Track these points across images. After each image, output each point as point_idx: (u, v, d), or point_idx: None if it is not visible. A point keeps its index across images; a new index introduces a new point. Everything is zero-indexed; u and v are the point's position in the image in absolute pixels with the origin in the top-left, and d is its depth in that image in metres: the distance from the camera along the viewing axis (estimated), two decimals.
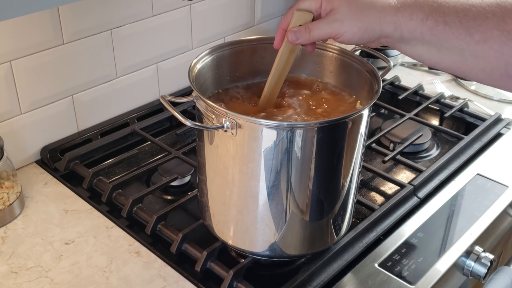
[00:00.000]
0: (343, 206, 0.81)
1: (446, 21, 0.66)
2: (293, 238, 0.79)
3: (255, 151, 0.72)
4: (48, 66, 1.04)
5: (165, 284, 0.83)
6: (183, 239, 0.87)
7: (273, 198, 0.75)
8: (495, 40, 0.64)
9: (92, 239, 0.90)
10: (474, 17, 0.65)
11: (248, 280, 0.81)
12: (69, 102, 1.10)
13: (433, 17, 0.66)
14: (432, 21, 0.66)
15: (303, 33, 0.74)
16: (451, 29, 0.66)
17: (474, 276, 0.92)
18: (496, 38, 0.63)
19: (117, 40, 1.13)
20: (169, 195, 1.02)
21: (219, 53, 0.85)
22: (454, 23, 0.66)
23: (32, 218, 0.94)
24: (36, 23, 0.99)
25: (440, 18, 0.66)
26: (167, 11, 1.20)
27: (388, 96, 1.34)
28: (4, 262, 0.86)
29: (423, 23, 0.67)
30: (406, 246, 0.90)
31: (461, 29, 0.65)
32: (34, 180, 1.03)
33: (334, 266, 0.85)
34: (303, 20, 0.74)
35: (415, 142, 1.15)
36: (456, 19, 0.66)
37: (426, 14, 0.67)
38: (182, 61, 1.28)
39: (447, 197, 1.02)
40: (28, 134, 1.06)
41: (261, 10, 1.42)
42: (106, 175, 1.05)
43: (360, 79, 0.83)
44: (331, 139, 0.73)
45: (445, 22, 0.66)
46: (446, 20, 0.66)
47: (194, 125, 0.73)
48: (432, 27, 0.67)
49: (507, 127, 1.22)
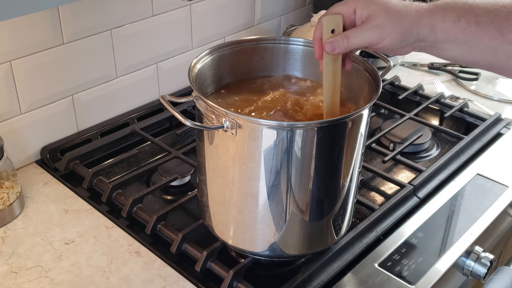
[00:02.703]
0: (343, 206, 0.81)
1: (478, 21, 0.66)
2: (293, 238, 0.79)
3: (255, 151, 0.72)
4: (48, 66, 1.04)
5: (165, 284, 0.83)
6: (183, 239, 0.87)
7: (273, 198, 0.75)
8: None
9: (92, 239, 0.90)
10: (506, 17, 0.65)
11: (248, 280, 0.81)
12: (69, 102, 1.10)
13: (465, 18, 0.67)
14: (464, 22, 0.67)
15: (340, 42, 0.71)
16: (483, 30, 0.66)
17: (474, 276, 0.92)
18: None
19: (117, 40, 1.13)
20: (169, 195, 1.02)
21: (219, 53, 0.85)
22: (486, 24, 0.66)
23: (32, 218, 0.94)
24: (36, 23, 0.99)
25: (472, 19, 0.67)
26: (167, 11, 1.20)
27: (388, 96, 1.34)
28: (4, 262, 0.86)
29: (455, 24, 0.67)
30: (406, 246, 0.90)
31: (493, 29, 0.66)
32: (34, 180, 1.03)
33: (334, 266, 0.85)
34: (335, 24, 0.72)
35: (415, 142, 1.15)
36: (488, 19, 0.66)
37: (458, 15, 0.67)
38: (182, 61, 1.28)
39: (447, 197, 1.02)
40: (28, 134, 1.06)
41: (261, 10, 1.42)
42: (106, 175, 1.05)
43: (360, 79, 0.83)
44: (331, 139, 0.73)
45: (477, 22, 0.66)
46: (478, 21, 0.66)
47: (194, 125, 0.73)
48: (464, 28, 0.67)
49: (507, 127, 1.22)
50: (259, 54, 0.89)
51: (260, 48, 0.89)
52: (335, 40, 0.71)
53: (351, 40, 0.71)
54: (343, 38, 0.71)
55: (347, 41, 0.71)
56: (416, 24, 0.69)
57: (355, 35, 0.71)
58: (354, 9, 0.72)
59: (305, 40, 0.88)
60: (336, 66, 0.75)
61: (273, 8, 1.45)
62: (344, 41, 0.71)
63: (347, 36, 0.71)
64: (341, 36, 0.71)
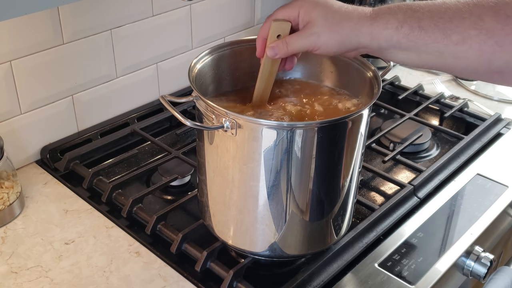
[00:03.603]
0: (343, 206, 0.81)
1: (421, 26, 0.66)
2: (293, 238, 0.79)
3: (255, 151, 0.72)
4: (48, 66, 1.04)
5: (165, 284, 0.83)
6: (183, 239, 0.87)
7: (273, 198, 0.75)
8: (473, 39, 0.63)
9: (92, 239, 0.90)
10: (450, 18, 0.64)
11: (248, 280, 0.81)
12: (69, 102, 1.10)
13: (408, 23, 0.66)
14: (407, 28, 0.66)
15: (280, 48, 0.74)
16: (427, 33, 0.66)
17: (474, 276, 0.92)
18: (474, 38, 0.63)
19: (117, 40, 1.13)
20: (169, 195, 1.02)
21: (219, 53, 0.85)
22: (430, 27, 0.65)
23: (32, 218, 0.94)
24: (36, 23, 0.99)
25: (415, 24, 0.66)
26: (167, 11, 1.20)
27: (388, 96, 1.34)
28: (4, 262, 0.86)
29: (398, 30, 0.67)
30: (406, 246, 0.90)
31: (438, 32, 0.65)
32: (34, 180, 1.03)
33: (334, 266, 0.85)
34: (281, 30, 0.74)
35: (415, 142, 1.15)
36: (431, 22, 0.65)
37: (401, 21, 0.67)
38: (182, 61, 1.28)
39: (447, 197, 1.02)
40: (28, 134, 1.06)
41: (261, 10, 1.42)
42: (106, 175, 1.05)
43: (360, 79, 0.83)
44: (331, 139, 0.73)
45: (420, 27, 0.66)
46: (421, 25, 0.66)
47: (194, 125, 0.73)
48: (407, 33, 0.66)
49: (507, 127, 1.22)
50: None
51: None
52: (276, 46, 0.74)
53: (290, 46, 0.73)
54: (283, 44, 0.74)
55: (286, 48, 0.74)
56: (355, 33, 0.69)
57: (293, 41, 0.73)
58: (298, 12, 0.73)
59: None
60: (273, 67, 0.79)
61: (273, 8, 1.43)
62: (284, 47, 0.74)
63: (287, 43, 0.73)
64: (282, 42, 0.74)
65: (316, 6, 0.71)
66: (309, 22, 0.71)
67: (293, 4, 0.74)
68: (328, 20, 0.70)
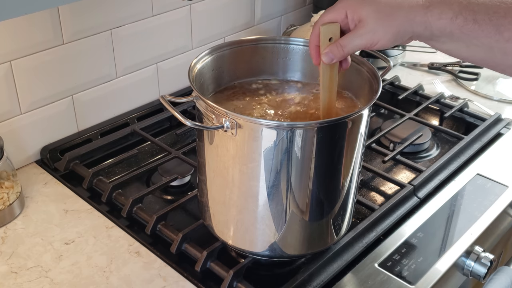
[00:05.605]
0: (343, 206, 0.81)
1: (475, 19, 0.66)
2: (293, 238, 0.79)
3: (255, 151, 0.72)
4: (48, 66, 1.04)
5: (165, 284, 0.83)
6: (183, 239, 0.87)
7: (273, 198, 0.75)
8: None
9: (92, 239, 0.90)
10: (505, 14, 0.65)
11: (248, 280, 0.81)
12: (69, 102, 1.10)
13: (463, 15, 0.66)
14: (462, 20, 0.66)
15: (336, 52, 0.73)
16: (480, 27, 0.65)
17: (474, 276, 0.92)
18: None
19: (117, 40, 1.13)
20: (169, 195, 1.02)
21: (219, 53, 0.85)
22: (484, 21, 0.65)
23: (32, 218, 0.94)
24: (36, 23, 0.99)
25: (469, 16, 0.66)
26: (167, 11, 1.20)
27: (388, 96, 1.34)
28: (4, 262, 0.86)
29: (452, 22, 0.67)
30: (406, 246, 0.90)
31: (491, 27, 0.65)
32: (34, 180, 1.03)
33: (334, 266, 0.85)
34: (332, 33, 0.73)
35: (415, 142, 1.15)
36: (486, 16, 0.65)
37: (456, 12, 0.66)
38: (182, 61, 1.28)
39: (447, 197, 1.02)
40: (28, 134, 1.06)
41: (261, 10, 1.42)
42: (106, 175, 1.05)
43: (360, 79, 0.83)
44: (331, 139, 0.73)
45: (474, 20, 0.66)
46: (475, 18, 0.66)
47: (194, 125, 0.73)
48: (461, 25, 0.66)
49: (507, 127, 1.22)
50: (259, 54, 0.89)
51: (260, 48, 0.89)
52: (330, 51, 0.73)
53: (346, 49, 0.72)
54: (338, 48, 0.73)
55: (342, 50, 0.73)
56: (409, 23, 0.69)
57: (348, 43, 0.72)
58: (345, 13, 0.72)
59: (305, 40, 0.88)
60: (333, 72, 0.76)
61: (273, 8, 1.45)
62: (339, 50, 0.73)
63: (342, 45, 0.72)
64: (336, 46, 0.73)
65: (363, 3, 0.71)
66: (361, 21, 0.71)
67: (337, 6, 0.73)
68: (381, 14, 0.69)
